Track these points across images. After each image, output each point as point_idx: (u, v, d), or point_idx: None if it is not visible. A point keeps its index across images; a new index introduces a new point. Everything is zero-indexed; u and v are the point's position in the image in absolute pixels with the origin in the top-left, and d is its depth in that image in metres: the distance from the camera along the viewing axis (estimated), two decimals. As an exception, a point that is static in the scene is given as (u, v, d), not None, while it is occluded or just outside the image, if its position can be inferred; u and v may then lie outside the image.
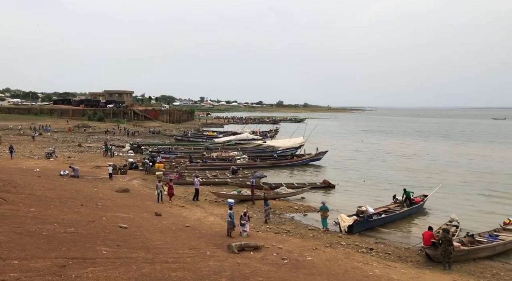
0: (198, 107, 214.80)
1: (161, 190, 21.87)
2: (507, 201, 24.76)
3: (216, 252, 12.86)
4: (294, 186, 27.45)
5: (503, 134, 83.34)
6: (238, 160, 39.06)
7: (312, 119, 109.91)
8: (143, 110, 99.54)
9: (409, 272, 13.00)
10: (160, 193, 21.84)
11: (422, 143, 64.44)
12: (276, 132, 77.13)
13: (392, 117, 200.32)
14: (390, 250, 15.44)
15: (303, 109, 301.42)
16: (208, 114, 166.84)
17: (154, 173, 31.15)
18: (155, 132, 73.22)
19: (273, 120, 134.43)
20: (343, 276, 11.90)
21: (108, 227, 14.58)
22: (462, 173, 34.76)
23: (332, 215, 19.57)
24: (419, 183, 29.70)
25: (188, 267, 10.66)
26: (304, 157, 40.75)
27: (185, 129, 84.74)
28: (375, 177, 33.03)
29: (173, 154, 43.20)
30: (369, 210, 19.22)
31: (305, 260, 13.24)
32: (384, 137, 76.53)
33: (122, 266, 9.88)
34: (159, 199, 21.81)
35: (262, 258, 12.80)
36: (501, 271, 13.63)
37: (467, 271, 13.46)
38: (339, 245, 15.83)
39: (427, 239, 14.44)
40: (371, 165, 40.39)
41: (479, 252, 14.97)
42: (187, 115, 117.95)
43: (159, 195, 21.85)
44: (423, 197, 23.16)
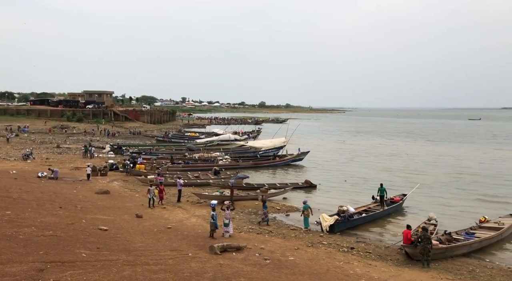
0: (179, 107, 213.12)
1: (153, 195, 21.15)
2: (482, 200, 25.43)
3: (198, 254, 12.81)
4: (276, 186, 27.55)
5: (478, 135, 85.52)
6: (221, 161, 38.97)
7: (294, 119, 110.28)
8: (123, 111, 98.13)
9: (389, 271, 13.22)
10: (153, 198, 21.05)
11: (400, 143, 65.57)
12: (258, 133, 77.23)
13: (372, 117, 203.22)
14: (370, 249, 15.67)
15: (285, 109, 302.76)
16: (190, 114, 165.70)
17: (135, 174, 30.85)
18: (135, 133, 72.35)
19: (255, 121, 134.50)
20: (324, 276, 12.02)
21: (88, 229, 14.35)
22: (439, 173, 35.53)
23: (314, 215, 19.74)
24: (398, 183, 30.23)
25: (170, 269, 10.59)
26: (286, 157, 40.96)
27: (166, 130, 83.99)
28: (355, 177, 33.45)
29: (154, 155, 42.78)
30: (350, 209, 19.46)
31: (287, 260, 13.31)
32: (364, 138, 77.58)
33: (102, 269, 9.74)
34: (151, 204, 21.00)
35: (244, 259, 12.82)
36: (477, 268, 14.00)
37: (444, 269, 13.77)
38: (320, 244, 15.97)
39: (406, 237, 14.72)
40: (352, 165, 40.88)
41: (456, 249, 15.34)
42: (169, 116, 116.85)
43: (151, 200, 21.03)
44: (402, 196, 23.58)
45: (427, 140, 72.29)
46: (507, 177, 33.20)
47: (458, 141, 69.70)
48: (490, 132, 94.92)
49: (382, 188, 22.02)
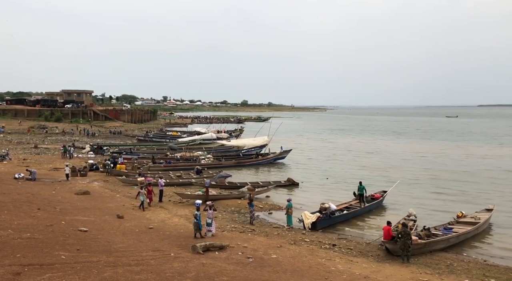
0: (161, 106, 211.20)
1: (145, 197, 20.53)
2: (460, 195, 26.05)
3: (180, 253, 12.75)
4: (259, 185, 27.61)
5: (456, 132, 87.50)
6: (203, 160, 38.81)
7: (276, 118, 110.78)
8: (103, 110, 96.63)
9: (370, 266, 13.42)
10: (144, 200, 20.42)
11: (380, 141, 66.55)
12: (241, 132, 77.17)
13: (353, 116, 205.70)
14: (352, 246, 15.88)
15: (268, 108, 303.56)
16: (171, 113, 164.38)
17: (116, 174, 30.45)
18: (116, 133, 71.38)
19: (238, 120, 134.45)
20: (307, 273, 12.12)
21: (67, 231, 14.11)
22: (418, 170, 36.22)
23: (296, 213, 19.89)
24: (378, 180, 30.69)
25: (152, 269, 10.51)
26: (269, 156, 41.08)
27: (147, 129, 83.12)
28: (337, 175, 33.81)
29: (135, 154, 42.31)
30: (331, 206, 19.68)
31: (270, 258, 13.37)
32: (346, 136, 78.46)
33: (82, 270, 9.60)
34: (143, 207, 20.31)
35: (227, 258, 12.81)
36: (455, 262, 14.35)
37: (424, 263, 14.06)
38: (303, 242, 16.09)
39: (387, 233, 14.96)
40: (334, 163, 41.30)
41: (435, 244, 15.68)
42: (150, 115, 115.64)
43: (142, 202, 20.39)
44: (382, 193, 23.95)
45: (407, 137, 73.59)
46: (483, 174, 34.07)
47: (436, 138, 71.16)
48: (467, 129, 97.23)
49: (361, 186, 22.20)
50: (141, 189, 20.82)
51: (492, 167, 37.03)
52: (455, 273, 13.15)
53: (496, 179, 31.45)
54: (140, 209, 20.18)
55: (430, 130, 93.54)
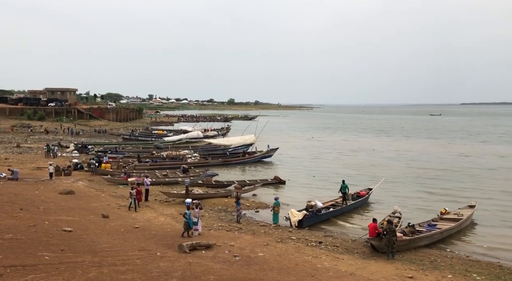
0: (146, 105, 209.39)
1: (134, 198, 20.00)
2: (443, 193, 26.48)
3: (166, 253, 12.68)
4: (245, 183, 27.63)
5: (439, 130, 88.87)
6: (189, 159, 38.64)
7: (263, 116, 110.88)
8: (88, 109, 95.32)
9: (355, 263, 13.55)
10: (134, 201, 19.96)
11: (365, 139, 67.23)
12: (228, 130, 77.01)
13: (339, 114, 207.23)
14: (338, 243, 16.01)
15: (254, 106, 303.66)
16: (157, 112, 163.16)
17: (101, 174, 30.11)
18: (101, 132, 70.62)
19: (224, 118, 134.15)
20: (293, 270, 12.18)
21: (51, 231, 13.89)
22: (403, 167, 36.70)
23: (283, 211, 19.98)
24: (364, 177, 31.01)
25: (138, 269, 10.43)
26: (256, 154, 41.12)
27: (133, 128, 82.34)
28: (323, 172, 34.03)
29: (121, 153, 41.88)
30: (318, 204, 19.79)
31: (257, 256, 13.39)
32: (331, 134, 78.99)
33: (67, 271, 9.47)
34: (135, 207, 19.88)
35: (214, 257, 12.80)
36: (438, 258, 14.60)
37: (408, 260, 14.26)
38: (289, 240, 16.16)
39: (372, 230, 15.13)
40: (320, 161, 41.55)
41: (419, 241, 15.92)
42: (135, 114, 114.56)
43: (131, 203, 19.96)
44: (368, 190, 24.20)
45: (391, 135, 74.48)
46: (465, 171, 34.68)
47: (420, 136, 72.18)
48: (450, 127, 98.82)
49: (344, 184, 22.14)
50: (132, 190, 20.18)
51: (474, 165, 37.73)
52: (439, 269, 13.37)
53: (478, 177, 32.07)
54: (131, 210, 19.67)
55: (414, 128, 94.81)
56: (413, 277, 12.32)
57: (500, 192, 26.22)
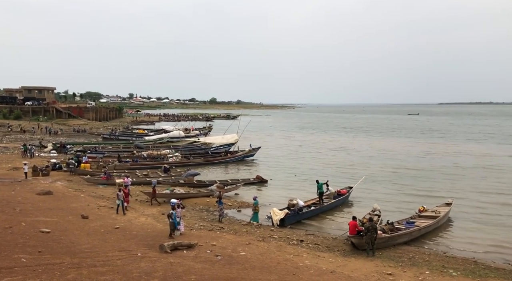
0: (127, 104, 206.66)
1: (122, 201, 19.32)
2: (421, 190, 27.02)
3: (147, 253, 12.58)
4: (228, 183, 27.60)
5: (417, 129, 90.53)
6: (171, 158, 38.35)
7: (245, 116, 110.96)
8: (66, 108, 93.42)
9: (336, 261, 13.72)
10: (121, 203, 19.27)
11: (346, 138, 68.04)
12: (209, 129, 76.75)
13: (320, 113, 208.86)
14: (319, 241, 16.18)
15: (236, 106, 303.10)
16: (138, 111, 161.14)
17: (80, 174, 29.60)
18: (80, 131, 69.41)
19: (206, 117, 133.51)
20: (275, 269, 12.25)
21: (28, 232, 13.61)
22: (382, 166, 37.26)
23: (265, 210, 20.06)
24: (344, 176, 31.39)
25: (118, 269, 10.32)
26: (238, 153, 41.12)
27: (113, 127, 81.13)
28: (305, 172, 34.26)
29: (101, 153, 41.24)
30: (299, 203, 19.95)
31: (239, 255, 13.42)
32: (312, 133, 79.62)
33: (44, 273, 9.30)
34: (123, 210, 19.17)
35: (195, 256, 12.76)
36: (416, 255, 14.92)
37: (387, 257, 14.52)
38: (271, 238, 16.24)
39: (353, 228, 15.35)
40: (301, 160, 41.82)
41: (398, 238, 16.23)
42: (115, 113, 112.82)
43: (119, 206, 19.24)
44: (348, 189, 24.51)
45: (371, 135, 75.55)
46: (442, 170, 35.46)
47: (399, 135, 73.44)
48: (428, 126, 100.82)
49: (319, 184, 22.09)
50: (119, 192, 19.39)
51: (450, 164, 38.60)
52: (417, 265, 13.67)
53: (454, 175, 32.81)
54: (119, 213, 19.03)
55: (393, 128, 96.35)
56: (392, 274, 12.55)
57: (474, 190, 26.92)
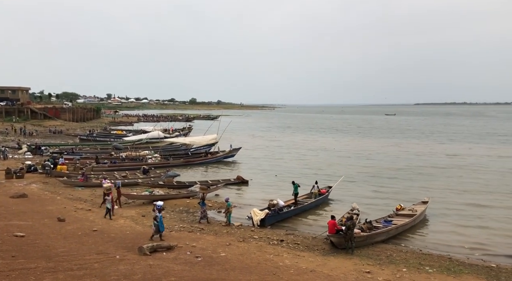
0: (105, 104, 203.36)
1: (111, 205, 18.66)
2: (399, 189, 27.56)
3: (126, 256, 12.42)
4: (208, 183, 27.48)
5: (394, 130, 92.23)
6: (150, 160, 37.93)
7: (225, 116, 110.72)
8: (42, 108, 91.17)
9: (316, 260, 13.86)
10: (110, 208, 18.62)
11: (325, 138, 68.72)
12: (189, 130, 76.26)
13: (300, 114, 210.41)
14: (299, 241, 16.30)
15: (217, 106, 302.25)
16: (116, 111, 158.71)
17: (56, 176, 28.94)
18: (56, 132, 67.89)
19: (186, 118, 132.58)
20: (255, 269, 12.28)
21: (1, 237, 13.24)
22: (361, 166, 37.81)
23: (246, 210, 20.07)
24: (323, 176, 31.67)
25: (96, 273, 10.15)
26: (218, 154, 40.99)
27: (90, 128, 79.66)
28: (285, 172, 34.42)
29: (78, 155, 40.49)
30: (279, 203, 20.04)
31: (219, 256, 13.39)
32: (293, 133, 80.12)
33: (18, 278, 9.07)
34: (110, 215, 18.52)
35: (175, 258, 12.67)
36: (394, 253, 15.21)
37: (366, 255, 14.75)
38: (251, 239, 16.26)
39: (332, 227, 15.53)
40: (282, 160, 42.03)
41: (376, 237, 16.50)
42: (93, 113, 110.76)
43: (108, 210, 18.56)
44: (328, 188, 24.77)
45: (349, 135, 76.55)
46: (419, 169, 36.24)
47: (376, 136, 74.61)
48: (404, 126, 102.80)
49: (295, 185, 22.09)
50: (108, 196, 18.79)
51: (426, 163, 39.47)
52: (395, 263, 13.94)
53: (430, 174, 33.56)
54: (106, 218, 18.40)
55: (371, 128, 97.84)
56: (370, 272, 12.76)
57: (450, 189, 27.59)
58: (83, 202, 22.00)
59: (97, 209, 20.42)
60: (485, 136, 70.12)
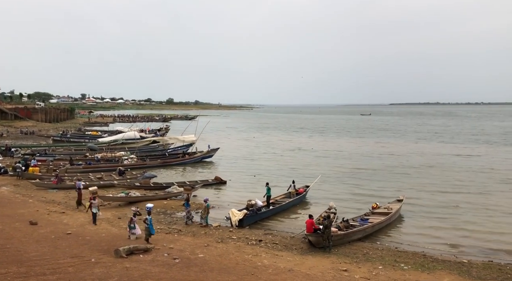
0: (79, 105, 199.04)
1: (98, 209, 17.96)
2: (375, 188, 28.02)
3: (102, 259, 12.18)
4: (185, 184, 27.24)
5: (370, 129, 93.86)
6: (126, 161, 37.32)
7: (203, 116, 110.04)
8: (13, 109, 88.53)
9: (294, 259, 13.94)
10: (97, 213, 17.88)
11: (302, 138, 69.28)
12: (166, 130, 75.46)
13: (278, 114, 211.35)
14: (277, 240, 16.36)
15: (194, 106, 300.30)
16: (90, 112, 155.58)
17: (28, 178, 28.11)
18: (28, 133, 66.01)
19: (163, 118, 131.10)
20: (234, 270, 12.26)
21: (-30, 242, 12.74)
22: (337, 165, 38.33)
23: (224, 211, 19.98)
24: (301, 175, 31.93)
25: (70, 277, 9.92)
26: (196, 154, 40.72)
27: (64, 128, 77.78)
28: (263, 172, 34.51)
29: (51, 156, 39.43)
30: (258, 203, 20.07)
31: (197, 257, 13.30)
32: (271, 133, 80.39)
33: (-12, 284, 8.75)
34: (94, 220, 17.73)
35: (152, 260, 12.51)
36: (370, 251, 15.46)
37: (343, 253, 14.94)
38: (230, 239, 16.22)
39: (309, 226, 15.65)
40: (260, 160, 42.12)
41: (353, 235, 16.74)
42: (67, 114, 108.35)
43: (95, 215, 17.80)
44: (305, 187, 24.97)
45: (326, 135, 77.44)
46: (394, 169, 37.02)
47: (353, 135, 75.74)
48: (380, 126, 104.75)
49: (267, 187, 22.03)
50: (94, 200, 18.03)
51: (401, 162, 40.33)
52: (371, 261, 14.17)
53: (405, 174, 34.27)
54: (93, 224, 17.60)
55: (347, 128, 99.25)
56: (347, 270, 12.93)
57: (424, 188, 28.26)
58: (57, 204, 21.47)
59: (71, 212, 19.97)
60: (457, 136, 72.20)
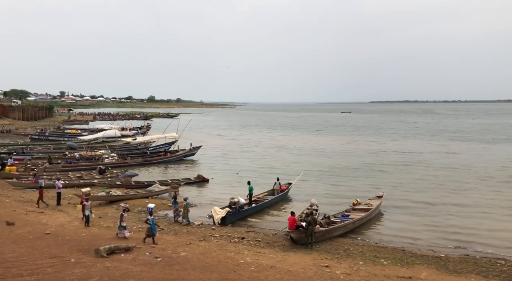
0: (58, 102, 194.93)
1: (90, 211, 17.45)
2: (355, 184, 28.42)
3: (82, 259, 12.02)
4: (167, 183, 27.08)
5: (351, 127, 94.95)
6: (106, 159, 36.78)
7: (185, 114, 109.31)
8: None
9: (276, 256, 14.04)
10: (89, 215, 17.34)
11: (284, 136, 69.61)
12: (148, 128, 74.67)
13: (260, 112, 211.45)
14: (259, 238, 16.43)
15: (176, 104, 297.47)
16: (70, 110, 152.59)
17: (5, 177, 27.43)
18: (4, 131, 64.46)
19: (144, 116, 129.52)
20: (216, 268, 12.27)
21: None
22: (319, 163, 38.67)
23: (207, 209, 19.94)
24: (283, 172, 32.03)
25: (49, 278, 9.76)
26: (178, 153, 40.48)
27: (42, 127, 76.10)
28: (246, 169, 34.55)
29: (29, 155, 38.52)
30: (240, 201, 20.11)
31: (179, 256, 13.26)
32: (253, 131, 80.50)
33: (-37, 287, 8.54)
34: (87, 222, 17.20)
35: (133, 259, 12.41)
36: (351, 247, 15.71)
37: (324, 250, 15.13)
38: (212, 237, 16.22)
39: (292, 223, 15.78)
40: (242, 158, 42.14)
41: (334, 231, 16.95)
42: (45, 112, 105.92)
43: (88, 217, 17.24)
44: (287, 185, 25.11)
45: (308, 133, 77.99)
46: (373, 166, 37.58)
47: (334, 133, 76.46)
48: (360, 124, 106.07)
49: (250, 186, 21.86)
50: (87, 202, 17.57)
51: (381, 160, 40.94)
52: (352, 256, 14.39)
53: (385, 170, 34.85)
54: (86, 226, 17.09)
55: (328, 126, 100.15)
56: (328, 266, 13.10)
57: (403, 184, 28.79)
58: (35, 204, 21.01)
59: (50, 212, 19.60)
60: (436, 133, 73.64)
